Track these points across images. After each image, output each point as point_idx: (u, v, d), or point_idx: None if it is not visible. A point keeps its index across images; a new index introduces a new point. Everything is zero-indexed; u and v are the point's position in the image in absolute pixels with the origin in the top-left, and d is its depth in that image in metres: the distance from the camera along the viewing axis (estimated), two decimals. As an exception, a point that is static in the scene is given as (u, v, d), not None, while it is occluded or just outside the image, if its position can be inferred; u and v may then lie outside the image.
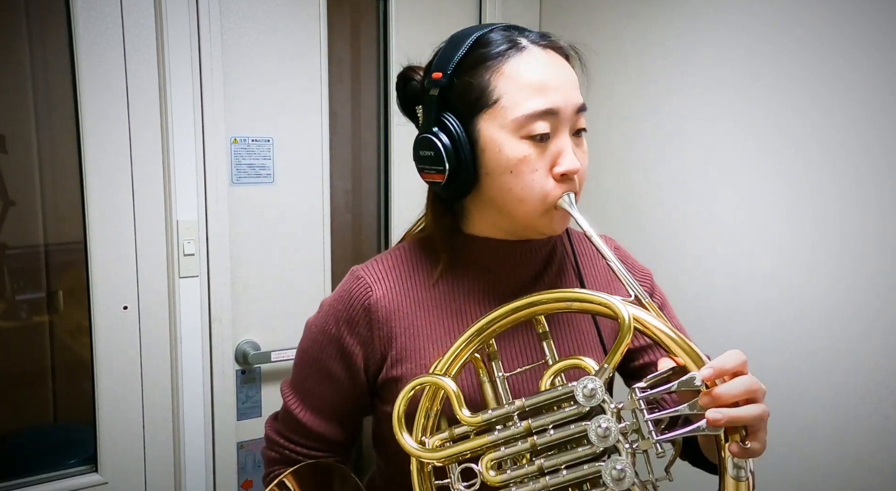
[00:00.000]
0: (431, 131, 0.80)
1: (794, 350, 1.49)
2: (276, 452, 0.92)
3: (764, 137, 1.53)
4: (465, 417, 0.73)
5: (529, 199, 0.78)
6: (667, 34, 1.72)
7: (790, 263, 1.50)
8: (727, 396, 0.64)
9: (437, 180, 0.81)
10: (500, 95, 0.77)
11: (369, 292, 0.85)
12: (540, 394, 0.71)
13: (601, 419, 0.67)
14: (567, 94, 0.79)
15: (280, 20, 1.75)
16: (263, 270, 1.79)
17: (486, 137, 0.78)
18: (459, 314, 0.85)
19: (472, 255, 0.87)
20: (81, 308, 1.60)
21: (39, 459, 1.61)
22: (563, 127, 0.79)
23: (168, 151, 1.62)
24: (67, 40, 1.53)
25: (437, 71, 0.81)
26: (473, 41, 0.80)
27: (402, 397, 0.76)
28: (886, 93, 1.32)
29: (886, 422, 1.35)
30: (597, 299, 0.72)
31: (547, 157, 0.78)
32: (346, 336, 0.85)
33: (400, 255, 0.89)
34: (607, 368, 0.69)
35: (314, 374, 0.88)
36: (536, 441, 0.70)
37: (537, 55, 0.79)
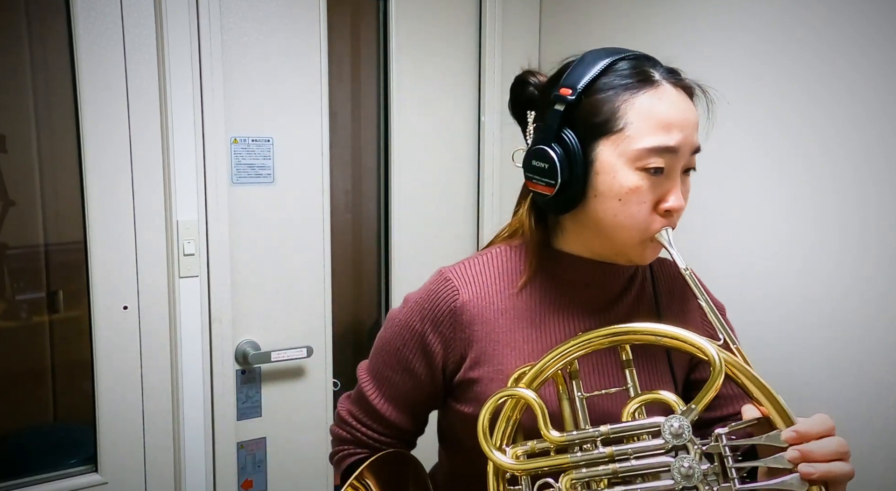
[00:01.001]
0: (549, 145, 0.82)
1: (793, 349, 1.49)
2: (348, 433, 0.96)
3: (764, 137, 1.53)
4: (551, 435, 0.76)
5: (631, 228, 0.81)
6: (667, 34, 1.72)
7: (790, 263, 1.50)
8: (818, 455, 0.67)
9: (546, 193, 0.83)
10: (627, 124, 0.79)
11: (456, 295, 0.87)
12: (625, 423, 0.74)
13: (685, 458, 0.70)
14: (689, 135, 0.82)
15: (280, 20, 1.75)
16: (263, 270, 1.79)
17: (603, 162, 0.80)
18: (540, 326, 0.87)
19: (559, 269, 0.89)
20: (81, 308, 1.60)
21: (39, 459, 1.61)
22: (677, 165, 0.82)
23: (168, 151, 1.62)
24: (67, 40, 1.53)
25: (566, 87, 0.82)
26: (606, 65, 0.82)
27: (487, 407, 0.78)
28: (886, 93, 1.32)
29: (886, 421, 1.36)
30: (689, 339, 0.74)
31: (656, 191, 0.80)
32: (429, 334, 0.88)
33: (489, 260, 0.91)
34: (695, 408, 0.71)
35: (394, 364, 0.92)
36: (618, 468, 0.72)
37: (669, 93, 0.82)
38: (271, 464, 1.85)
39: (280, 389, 1.84)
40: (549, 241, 0.91)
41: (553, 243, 0.90)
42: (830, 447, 0.67)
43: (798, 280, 1.48)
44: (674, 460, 0.70)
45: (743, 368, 0.72)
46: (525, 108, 0.89)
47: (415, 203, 1.99)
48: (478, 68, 2.05)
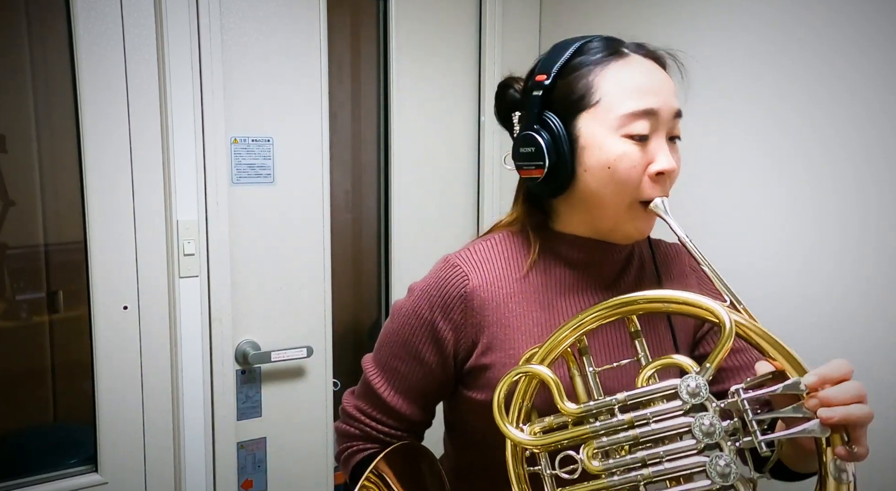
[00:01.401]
0: (532, 129, 0.84)
1: (793, 350, 1.49)
2: (356, 428, 0.94)
3: (764, 137, 1.53)
4: (568, 407, 0.75)
5: (623, 194, 0.82)
6: (667, 34, 1.72)
7: (790, 263, 1.50)
8: (837, 400, 0.67)
9: (536, 176, 0.84)
10: (602, 96, 0.81)
11: (466, 280, 0.87)
12: (641, 389, 0.73)
13: (705, 416, 0.69)
14: (666, 97, 0.82)
15: (280, 20, 1.75)
16: (263, 270, 1.79)
17: (587, 135, 0.82)
18: (549, 307, 0.88)
19: (560, 251, 0.90)
20: (81, 308, 1.60)
21: (39, 459, 1.61)
22: (661, 129, 0.82)
23: (168, 151, 1.62)
24: (67, 40, 1.53)
25: (541, 73, 0.85)
26: (577, 47, 0.84)
27: (501, 386, 0.78)
28: (886, 93, 1.32)
29: (886, 422, 1.36)
30: (699, 303, 0.74)
31: (644, 156, 0.81)
32: (439, 321, 0.88)
33: (493, 245, 0.92)
34: (710, 367, 0.71)
35: (403, 355, 0.91)
36: (638, 433, 0.72)
37: (639, 62, 0.84)
38: (271, 464, 1.85)
39: (280, 389, 1.84)
40: (548, 224, 0.92)
41: (552, 226, 0.91)
42: (849, 391, 0.67)
43: (798, 280, 1.48)
44: (694, 419, 0.70)
45: (752, 325, 0.73)
46: (510, 111, 0.91)
47: (415, 203, 1.99)
48: (478, 68, 2.05)
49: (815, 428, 0.66)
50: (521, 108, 0.88)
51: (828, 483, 0.67)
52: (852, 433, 0.68)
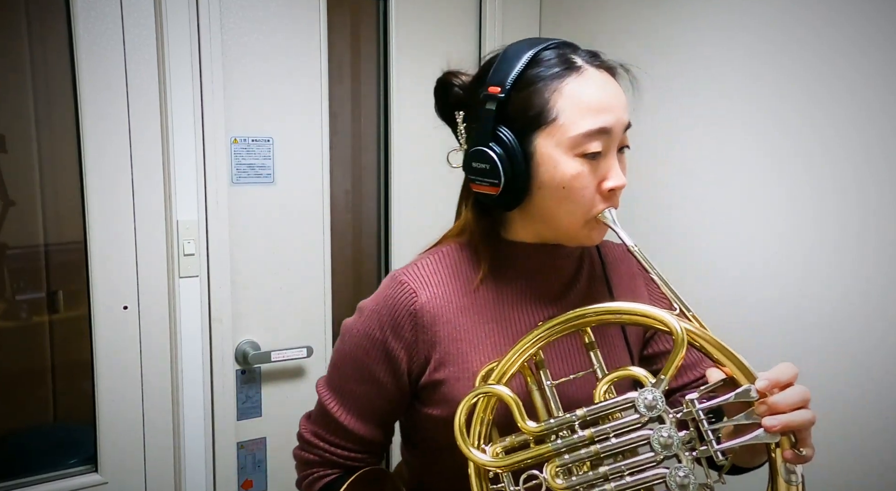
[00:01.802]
0: (487, 145, 0.83)
1: (793, 349, 1.49)
2: (315, 455, 0.92)
3: (764, 137, 1.53)
4: (528, 426, 0.76)
5: (576, 212, 0.82)
6: (667, 34, 1.72)
7: (790, 262, 1.50)
8: (784, 405, 0.69)
9: (490, 192, 0.84)
10: (559, 114, 0.80)
11: (414, 297, 0.86)
12: (600, 404, 0.75)
13: (662, 429, 0.71)
14: (619, 114, 0.82)
15: (280, 20, 1.74)
16: (263, 270, 1.79)
17: (542, 154, 0.81)
18: (501, 320, 0.88)
19: (512, 260, 0.90)
20: (81, 308, 1.60)
21: (39, 459, 1.61)
22: (613, 145, 0.83)
23: (168, 151, 1.62)
24: (67, 40, 1.53)
25: (494, 85, 0.83)
26: (530, 58, 0.82)
27: (461, 409, 0.78)
28: (886, 93, 1.32)
29: (886, 422, 1.36)
30: (650, 313, 0.75)
31: (597, 174, 0.82)
32: (390, 340, 0.87)
33: (441, 258, 0.91)
34: (664, 378, 0.73)
35: (357, 377, 0.89)
36: (599, 448, 0.73)
37: (594, 76, 0.83)
38: (271, 464, 1.85)
39: (280, 389, 1.84)
40: (498, 233, 0.91)
41: (501, 235, 0.91)
42: (795, 397, 0.69)
43: (798, 280, 1.48)
44: (652, 432, 0.71)
45: (702, 333, 0.74)
46: (452, 109, 0.90)
47: (415, 203, 1.99)
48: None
49: (765, 434, 0.69)
50: (467, 110, 0.87)
51: (778, 484, 0.70)
52: (798, 436, 0.70)
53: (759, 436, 0.69)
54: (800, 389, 0.70)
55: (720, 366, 0.73)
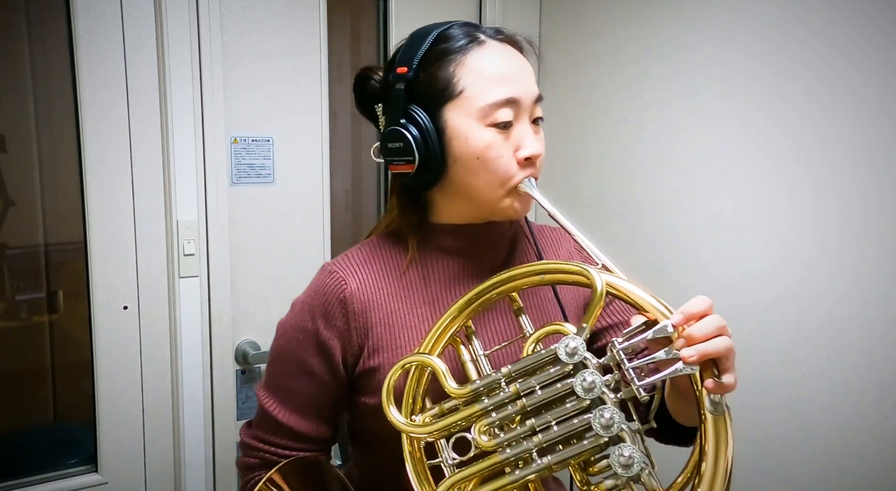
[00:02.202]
0: (400, 123, 0.84)
1: (793, 349, 1.49)
2: (257, 458, 0.92)
3: (764, 138, 1.53)
4: (453, 389, 0.76)
5: (494, 183, 0.83)
6: (667, 34, 1.72)
7: (790, 263, 1.50)
8: (699, 335, 0.68)
9: (407, 170, 0.85)
10: (465, 86, 0.82)
11: (343, 285, 0.87)
12: (524, 359, 0.75)
13: (585, 373, 0.71)
14: (526, 84, 0.84)
15: (280, 20, 1.74)
16: (263, 270, 1.79)
17: (453, 126, 0.83)
18: (432, 302, 0.88)
19: (440, 241, 0.90)
20: (81, 308, 1.60)
21: (39, 459, 1.61)
22: (524, 115, 0.84)
23: (168, 151, 1.62)
24: (67, 40, 1.53)
25: (401, 66, 0.84)
26: (435, 37, 0.85)
27: (390, 377, 0.78)
28: (886, 93, 1.32)
29: (886, 422, 1.36)
30: (571, 268, 0.76)
31: (510, 143, 0.83)
32: (322, 330, 0.87)
33: (370, 248, 0.92)
34: (586, 327, 0.73)
35: (292, 371, 0.90)
36: (525, 402, 0.73)
37: (497, 48, 0.85)
38: (271, 464, 1.85)
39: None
40: (426, 218, 0.91)
41: (430, 219, 0.91)
42: (709, 326, 0.69)
43: (798, 280, 1.48)
44: (574, 379, 0.71)
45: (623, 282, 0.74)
46: (372, 103, 0.91)
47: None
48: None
49: (682, 367, 0.68)
50: (384, 101, 0.88)
51: (706, 418, 0.68)
52: (720, 365, 0.69)
53: (677, 369, 0.68)
54: (714, 317, 0.70)
55: (644, 312, 0.73)
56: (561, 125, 2.04)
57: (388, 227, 0.94)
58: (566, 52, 2.01)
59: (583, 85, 1.96)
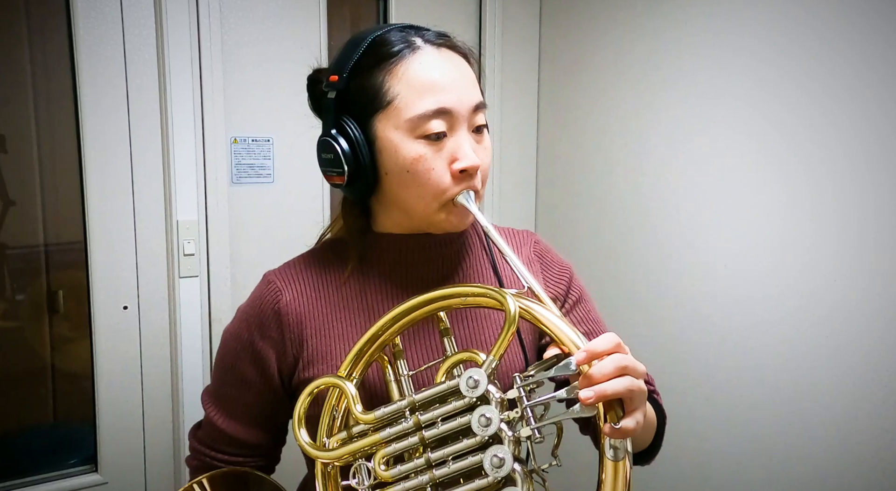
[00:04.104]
0: (330, 134, 0.81)
1: (793, 349, 1.49)
2: (199, 461, 0.91)
3: (764, 138, 1.53)
4: (359, 414, 0.73)
5: (426, 196, 0.79)
6: (667, 35, 1.72)
7: (790, 262, 1.50)
8: (599, 376, 0.64)
9: (339, 182, 0.82)
10: (394, 96, 0.77)
11: (279, 296, 0.86)
12: (429, 388, 0.72)
13: (484, 409, 0.67)
14: (461, 93, 0.79)
15: (280, 20, 1.75)
16: (263, 270, 1.78)
17: (383, 139, 0.79)
18: (371, 312, 0.85)
19: (380, 252, 0.87)
20: (81, 308, 1.60)
21: (39, 459, 1.61)
22: (460, 125, 0.79)
23: (168, 151, 1.62)
24: (67, 41, 1.53)
25: (334, 74, 0.81)
26: (370, 43, 0.80)
27: (302, 399, 0.77)
28: (886, 92, 1.32)
29: (886, 422, 1.35)
30: (487, 292, 0.72)
31: (444, 154, 0.78)
32: (257, 340, 0.86)
33: (312, 257, 0.91)
34: (492, 359, 0.69)
35: (230, 380, 0.89)
36: (425, 435, 0.70)
37: (431, 55, 0.79)
38: (271, 464, 1.85)
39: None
40: (370, 227, 0.88)
41: (373, 228, 0.88)
42: (610, 366, 0.64)
43: (797, 280, 1.48)
44: (472, 415, 0.67)
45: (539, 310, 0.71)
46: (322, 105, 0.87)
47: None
48: (478, 68, 2.05)
49: (580, 408, 0.64)
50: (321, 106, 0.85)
51: (604, 463, 0.65)
52: (626, 407, 0.65)
53: (574, 409, 0.65)
54: (617, 356, 0.65)
55: (559, 344, 0.70)
56: (560, 125, 2.04)
57: (336, 234, 0.92)
58: (566, 52, 2.01)
59: (582, 85, 1.96)
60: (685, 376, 1.70)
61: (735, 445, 1.61)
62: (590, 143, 1.94)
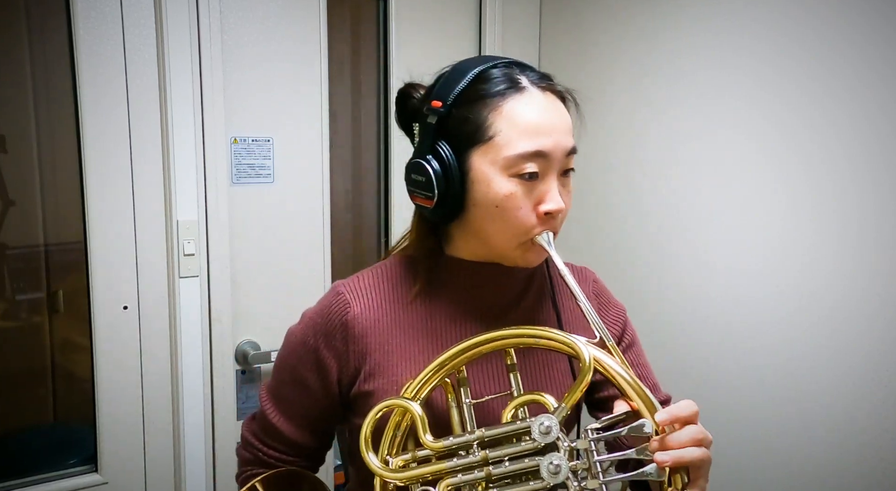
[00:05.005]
0: (425, 158, 0.83)
1: (793, 349, 1.50)
2: (251, 453, 0.96)
3: (764, 138, 1.53)
4: (428, 442, 0.75)
5: (509, 233, 0.82)
6: (667, 35, 1.72)
7: (790, 262, 1.50)
8: (676, 443, 0.68)
9: (426, 205, 0.84)
10: (496, 133, 0.80)
11: (347, 308, 0.88)
12: (500, 426, 0.74)
13: (554, 456, 0.70)
14: (559, 138, 0.81)
15: (280, 20, 1.75)
16: (263, 270, 1.79)
17: (477, 171, 0.81)
18: (434, 334, 0.88)
19: (450, 276, 0.89)
20: (81, 308, 1.60)
21: (39, 459, 1.61)
22: (552, 168, 0.81)
23: (168, 151, 1.62)
24: (67, 41, 1.53)
25: (437, 99, 0.83)
26: (475, 75, 0.82)
27: (370, 417, 0.78)
28: (886, 93, 1.33)
29: (886, 422, 1.36)
30: (561, 339, 0.75)
31: (533, 195, 0.81)
32: (322, 349, 0.88)
33: (382, 272, 0.93)
34: (564, 407, 0.72)
35: (290, 382, 0.92)
36: (492, 471, 0.73)
37: (536, 98, 0.81)
38: (271, 464, 1.85)
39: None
40: (442, 249, 0.91)
41: (446, 251, 0.91)
42: (688, 436, 0.68)
43: (797, 280, 1.48)
44: (542, 459, 0.70)
45: (613, 363, 0.73)
46: (410, 120, 0.90)
47: (415, 203, 1.99)
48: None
49: (652, 471, 0.68)
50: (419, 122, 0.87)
51: None
52: (691, 475, 0.69)
53: (646, 471, 0.68)
54: (696, 427, 0.69)
55: (628, 399, 0.73)
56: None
57: (404, 251, 0.95)
58: (566, 52, 2.01)
59: (582, 85, 1.95)
60: (685, 376, 1.70)
61: (735, 445, 1.61)
62: (589, 142, 1.94)
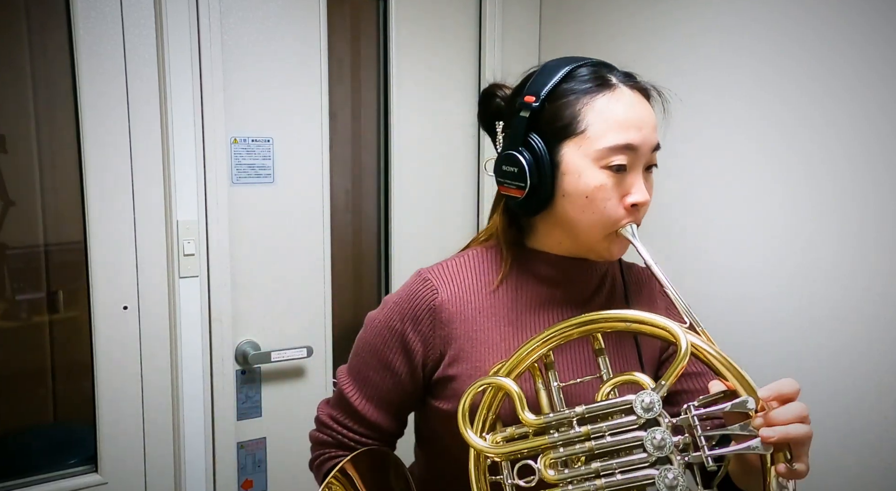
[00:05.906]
0: (517, 149, 0.87)
1: (793, 349, 1.50)
2: (329, 436, 0.98)
3: (764, 138, 1.53)
4: (528, 418, 0.78)
5: (597, 223, 0.86)
6: (667, 35, 1.72)
7: (791, 262, 1.50)
8: (781, 419, 0.70)
9: (517, 195, 0.88)
10: (588, 126, 0.84)
11: (435, 294, 0.91)
12: (599, 403, 0.76)
13: (657, 431, 0.73)
14: (647, 133, 0.86)
15: (280, 20, 1.75)
16: (263, 270, 1.79)
17: (569, 163, 0.85)
18: (517, 323, 0.91)
19: (534, 267, 0.93)
20: (81, 308, 1.60)
21: (39, 459, 1.61)
22: (639, 162, 0.86)
23: (168, 151, 1.62)
24: (67, 41, 1.53)
25: (529, 94, 0.87)
26: (567, 73, 0.87)
27: (467, 395, 0.81)
28: (886, 93, 1.33)
29: (886, 421, 1.36)
30: (658, 323, 0.78)
31: (621, 187, 0.85)
32: (409, 332, 0.91)
33: (465, 261, 0.95)
34: (665, 384, 0.75)
35: (374, 365, 0.94)
36: (593, 445, 0.75)
37: (626, 95, 0.86)
38: (271, 464, 1.85)
39: (280, 389, 1.84)
40: (523, 241, 0.95)
41: (527, 243, 0.94)
42: (792, 411, 0.71)
43: (798, 279, 1.48)
44: (646, 433, 0.73)
45: (708, 347, 0.76)
46: (493, 119, 0.95)
47: (415, 203, 1.99)
48: (478, 69, 2.05)
49: (758, 445, 0.70)
50: (505, 119, 0.92)
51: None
52: (794, 451, 0.71)
53: (752, 446, 0.70)
54: (799, 404, 0.72)
55: (723, 379, 0.75)
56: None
57: (486, 242, 0.98)
58: (566, 53, 2.01)
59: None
60: (685, 376, 1.70)
61: (735, 445, 1.61)
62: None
